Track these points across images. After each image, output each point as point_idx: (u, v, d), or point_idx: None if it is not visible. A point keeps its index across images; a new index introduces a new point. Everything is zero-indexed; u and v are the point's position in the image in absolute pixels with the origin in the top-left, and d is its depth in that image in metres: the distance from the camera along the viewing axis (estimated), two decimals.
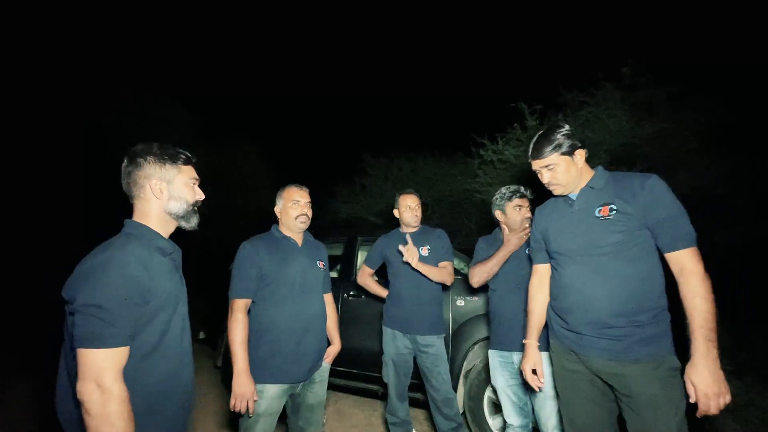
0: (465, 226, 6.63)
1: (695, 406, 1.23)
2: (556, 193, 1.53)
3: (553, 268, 1.59)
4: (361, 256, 3.31)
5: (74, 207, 8.87)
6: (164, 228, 1.17)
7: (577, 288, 1.43)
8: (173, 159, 1.16)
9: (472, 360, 2.61)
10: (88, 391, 0.90)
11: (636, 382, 1.31)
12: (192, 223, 1.21)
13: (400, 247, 2.22)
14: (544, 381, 1.61)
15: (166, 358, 1.08)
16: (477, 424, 2.50)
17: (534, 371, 1.61)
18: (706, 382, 1.18)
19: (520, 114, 5.32)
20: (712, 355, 1.20)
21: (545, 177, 1.51)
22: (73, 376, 0.96)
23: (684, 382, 1.26)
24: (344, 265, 3.27)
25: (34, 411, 3.25)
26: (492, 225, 2.29)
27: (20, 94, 8.72)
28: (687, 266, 1.27)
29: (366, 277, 2.57)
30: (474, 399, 2.52)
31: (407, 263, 2.23)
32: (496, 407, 2.49)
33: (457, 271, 2.75)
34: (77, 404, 0.93)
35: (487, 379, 2.48)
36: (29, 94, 8.83)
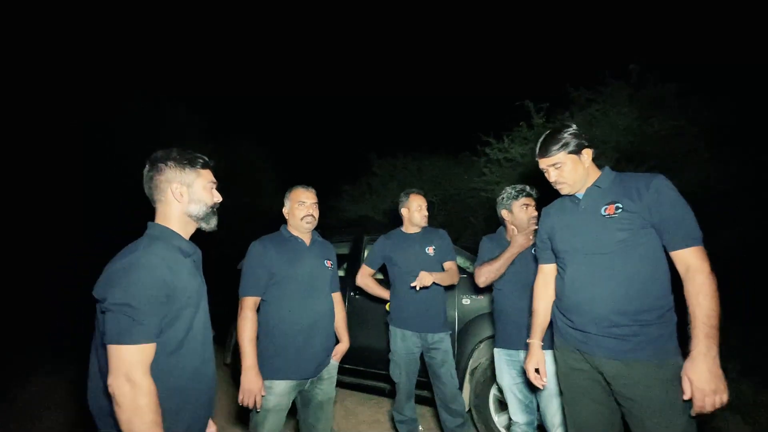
0: (471, 225, 6.63)
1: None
2: (562, 192, 1.53)
3: (558, 267, 1.59)
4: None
5: (78, 206, 8.99)
6: (185, 229, 1.22)
7: (583, 286, 1.43)
8: (192, 163, 1.20)
9: (477, 358, 2.64)
10: (119, 384, 0.95)
11: (640, 384, 1.30)
12: (211, 224, 1.25)
13: (413, 284, 2.18)
14: (547, 379, 1.63)
15: (192, 355, 1.12)
16: (483, 422, 2.52)
17: (537, 370, 1.62)
18: (703, 379, 1.17)
19: (526, 112, 5.30)
20: (712, 352, 1.19)
21: (552, 175, 1.51)
22: (104, 370, 1.01)
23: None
24: (351, 263, 3.30)
25: (65, 401, 3.33)
26: (498, 224, 2.30)
27: (23, 94, 8.82)
28: (693, 265, 1.27)
29: (366, 278, 2.55)
30: (480, 397, 2.54)
31: (421, 264, 2.26)
32: (502, 405, 2.51)
33: (462, 270, 2.77)
34: (108, 396, 0.97)
35: (492, 377, 2.49)
36: (32, 95, 8.94)
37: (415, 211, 2.42)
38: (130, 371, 0.95)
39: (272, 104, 14.24)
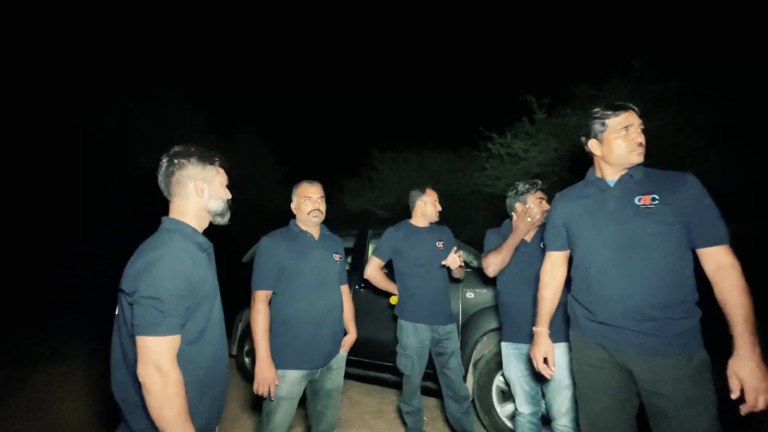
0: (472, 219, 6.67)
1: (731, 402, 1.21)
2: (638, 160, 1.40)
3: (578, 257, 1.50)
4: (371, 249, 3.38)
5: (78, 200, 9.02)
6: (200, 224, 1.25)
7: (614, 278, 1.37)
8: (212, 161, 1.25)
9: (481, 350, 2.69)
10: (149, 373, 0.99)
11: (670, 379, 1.28)
12: (225, 219, 1.30)
13: (444, 262, 2.27)
14: (556, 370, 1.62)
15: (210, 344, 1.17)
16: (486, 412, 2.58)
17: (545, 360, 1.60)
18: (755, 377, 1.15)
19: (528, 108, 5.32)
20: (757, 349, 1.18)
21: (641, 136, 1.39)
22: (129, 359, 1.06)
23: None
24: (355, 257, 3.35)
25: (73, 389, 3.39)
26: (502, 217, 2.33)
27: (22, 92, 8.80)
28: (726, 262, 1.27)
29: (376, 270, 2.55)
30: (483, 388, 2.59)
31: (432, 258, 2.33)
32: (504, 395, 2.57)
33: (466, 264, 2.82)
34: (133, 385, 1.02)
35: (495, 368, 2.56)
36: (30, 93, 8.91)
37: (430, 204, 2.47)
38: (160, 361, 1.00)
39: (274, 99, 14.21)
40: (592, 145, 1.50)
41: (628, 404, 1.42)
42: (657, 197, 1.34)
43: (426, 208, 2.48)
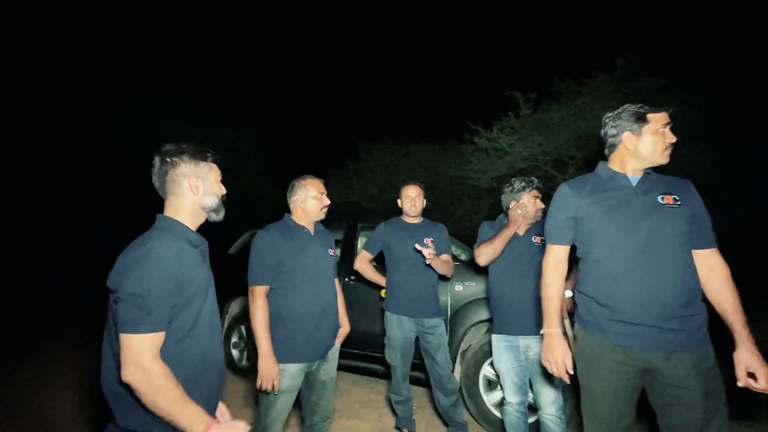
0: (456, 212, 6.75)
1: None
2: (666, 161, 1.42)
3: (601, 254, 1.45)
4: (361, 242, 3.41)
5: (71, 195, 8.79)
6: (194, 221, 1.25)
7: (644, 276, 1.36)
8: (204, 157, 1.24)
9: (468, 341, 2.78)
10: (131, 373, 0.99)
11: (691, 374, 1.31)
12: (220, 215, 1.30)
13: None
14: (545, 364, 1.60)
15: (200, 340, 1.17)
16: (473, 400, 2.67)
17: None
18: (763, 364, 1.28)
19: (513, 103, 5.38)
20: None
21: (673, 138, 1.41)
22: (117, 356, 1.05)
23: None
24: (344, 250, 3.37)
25: (57, 380, 3.32)
26: (486, 210, 2.37)
27: (19, 92, 8.47)
28: (720, 264, 1.38)
29: (365, 263, 2.63)
30: (470, 377, 2.68)
31: (418, 253, 2.32)
32: (491, 384, 2.66)
33: (455, 257, 2.88)
34: (120, 379, 1.02)
35: (482, 358, 2.64)
36: (25, 90, 8.57)
37: (404, 201, 2.52)
38: (140, 359, 1.00)
39: (260, 90, 13.89)
40: (627, 137, 1.43)
41: (634, 402, 1.45)
42: (678, 198, 1.38)
43: (403, 204, 2.54)
